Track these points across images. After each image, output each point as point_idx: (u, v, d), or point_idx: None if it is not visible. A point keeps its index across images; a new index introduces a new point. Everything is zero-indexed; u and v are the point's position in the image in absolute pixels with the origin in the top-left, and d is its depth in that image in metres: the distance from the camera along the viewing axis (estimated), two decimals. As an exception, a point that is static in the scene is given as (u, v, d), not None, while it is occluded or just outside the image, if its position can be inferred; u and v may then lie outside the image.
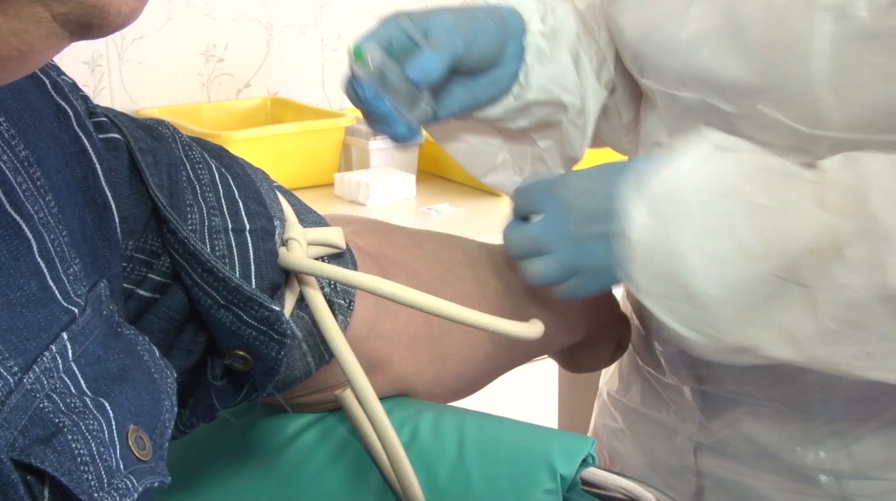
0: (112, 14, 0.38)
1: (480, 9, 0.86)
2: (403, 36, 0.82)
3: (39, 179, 0.50)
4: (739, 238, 0.70)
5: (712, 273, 0.70)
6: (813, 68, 0.74)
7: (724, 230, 0.70)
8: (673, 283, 0.71)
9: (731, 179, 0.72)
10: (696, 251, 0.70)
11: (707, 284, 0.70)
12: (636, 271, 0.73)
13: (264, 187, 0.65)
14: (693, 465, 0.94)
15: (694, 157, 0.73)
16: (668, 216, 0.71)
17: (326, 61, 2.28)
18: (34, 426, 0.43)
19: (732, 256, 0.70)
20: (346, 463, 0.71)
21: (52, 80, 0.55)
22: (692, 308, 0.72)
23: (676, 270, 0.71)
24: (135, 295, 0.58)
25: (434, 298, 0.65)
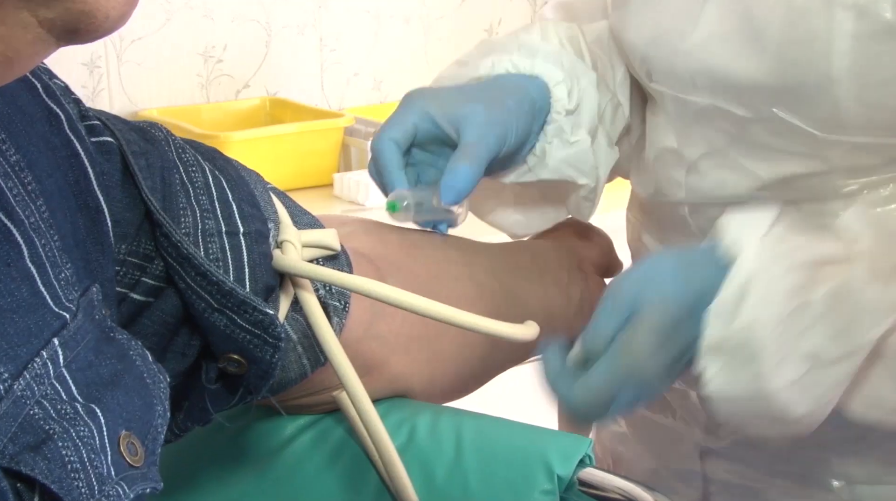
0: (99, 19, 0.37)
1: (510, 94, 0.83)
2: (431, 125, 0.81)
3: (30, 184, 0.50)
4: (814, 351, 0.70)
5: (797, 397, 0.70)
6: (833, 68, 0.73)
7: (791, 349, 0.70)
8: (760, 416, 0.72)
9: (782, 297, 0.71)
10: (777, 384, 0.70)
11: (795, 407, 0.71)
12: (723, 416, 0.73)
13: (258, 190, 0.65)
14: (700, 470, 0.94)
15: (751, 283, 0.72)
16: (744, 361, 0.70)
17: (325, 62, 2.27)
18: (24, 434, 0.43)
19: (811, 370, 0.70)
20: (343, 465, 0.71)
21: (44, 83, 0.55)
22: (782, 426, 0.73)
23: (762, 407, 0.71)
24: (128, 299, 0.58)
25: (429, 300, 0.64)
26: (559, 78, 0.85)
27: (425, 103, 0.82)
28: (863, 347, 0.69)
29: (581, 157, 0.85)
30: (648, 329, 0.71)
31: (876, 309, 0.69)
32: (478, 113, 0.81)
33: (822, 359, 0.70)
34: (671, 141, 0.87)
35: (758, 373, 0.70)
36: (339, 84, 2.30)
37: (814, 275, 0.71)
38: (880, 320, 0.69)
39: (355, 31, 2.29)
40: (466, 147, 0.79)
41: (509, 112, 0.82)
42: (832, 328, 0.70)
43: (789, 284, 0.71)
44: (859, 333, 0.69)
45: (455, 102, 0.82)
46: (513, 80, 0.85)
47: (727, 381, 0.71)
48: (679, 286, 0.72)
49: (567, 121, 0.85)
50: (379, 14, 2.31)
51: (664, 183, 0.88)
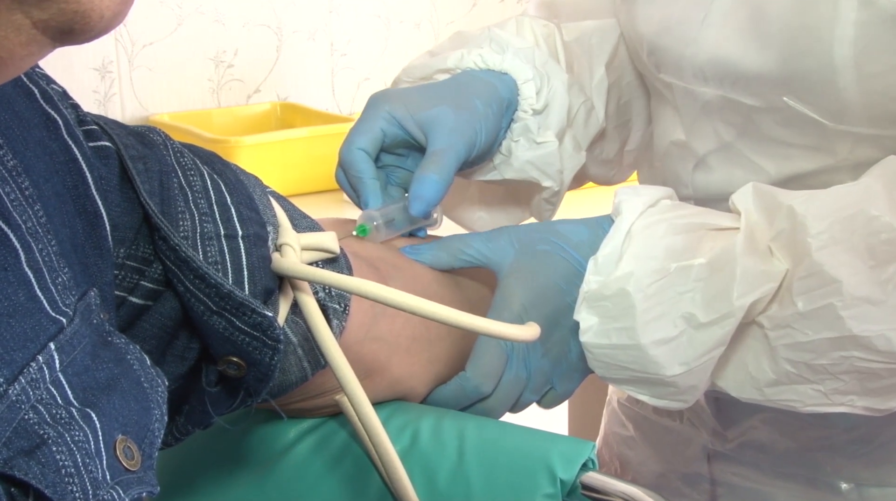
0: (94, 19, 0.37)
1: (479, 94, 0.82)
2: (399, 129, 0.80)
3: (28, 189, 0.50)
4: (684, 313, 0.70)
5: (669, 355, 0.71)
6: (836, 55, 0.73)
7: (667, 311, 0.70)
8: (636, 371, 0.72)
9: (661, 254, 0.71)
10: (648, 340, 0.70)
11: (668, 366, 0.71)
12: (598, 368, 0.73)
13: (257, 193, 0.65)
14: (707, 473, 0.94)
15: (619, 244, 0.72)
16: (616, 314, 0.71)
17: (336, 66, 2.28)
18: (18, 438, 0.43)
19: (682, 333, 0.70)
20: (345, 469, 0.71)
21: (41, 89, 0.55)
22: (661, 387, 0.73)
23: (635, 360, 0.71)
24: (127, 302, 0.58)
25: (430, 302, 0.64)
26: (528, 76, 0.85)
27: (392, 107, 0.81)
28: (733, 313, 0.69)
29: (547, 159, 0.85)
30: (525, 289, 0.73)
31: (747, 280, 0.69)
32: (446, 117, 0.80)
33: (695, 322, 0.70)
34: (679, 134, 0.87)
35: (631, 326, 0.70)
36: (349, 89, 2.30)
37: (697, 241, 0.72)
38: (751, 290, 0.69)
39: (366, 36, 2.30)
40: (434, 156, 0.78)
41: (478, 115, 0.81)
42: (708, 293, 0.70)
43: (670, 244, 0.71)
44: (730, 299, 0.69)
45: (422, 104, 0.81)
46: (481, 77, 0.84)
47: (602, 331, 0.71)
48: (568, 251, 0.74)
49: (534, 121, 0.85)
50: (389, 19, 2.31)
51: (671, 180, 0.88)
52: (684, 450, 0.96)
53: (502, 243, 0.75)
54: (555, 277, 0.74)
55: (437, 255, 0.76)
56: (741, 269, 0.70)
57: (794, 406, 0.72)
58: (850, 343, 0.69)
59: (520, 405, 0.77)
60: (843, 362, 0.69)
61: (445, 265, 0.77)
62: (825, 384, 0.71)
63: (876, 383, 0.70)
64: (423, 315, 0.65)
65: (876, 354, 0.68)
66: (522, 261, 0.74)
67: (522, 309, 0.73)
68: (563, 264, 0.74)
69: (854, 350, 0.69)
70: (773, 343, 0.71)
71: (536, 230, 0.76)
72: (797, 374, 0.71)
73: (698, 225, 0.73)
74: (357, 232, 0.77)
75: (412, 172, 0.82)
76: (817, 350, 0.70)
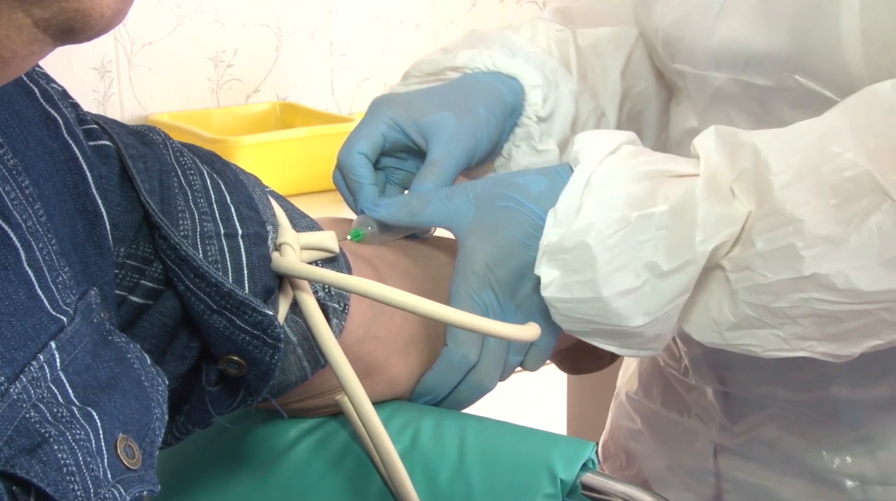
0: (94, 18, 0.37)
1: (482, 98, 0.82)
2: (399, 134, 0.80)
3: (28, 188, 0.50)
4: (646, 262, 0.69)
5: (633, 306, 0.70)
6: (843, 29, 0.73)
7: (629, 261, 0.70)
8: (600, 324, 0.71)
9: (621, 203, 0.70)
10: (610, 292, 0.70)
11: (632, 316, 0.70)
12: (562, 322, 0.72)
13: (256, 192, 0.65)
14: (713, 468, 0.94)
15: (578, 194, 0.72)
16: (577, 267, 0.70)
17: (335, 66, 2.28)
18: (20, 437, 0.43)
19: (645, 282, 0.70)
20: (346, 469, 0.71)
21: (42, 88, 0.55)
22: (627, 338, 0.72)
23: (598, 313, 0.71)
24: (127, 302, 0.58)
25: (428, 301, 0.64)
26: (537, 82, 0.85)
27: (393, 112, 0.81)
28: (696, 259, 0.69)
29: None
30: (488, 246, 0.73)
31: (708, 224, 0.68)
32: (447, 123, 0.80)
33: (658, 271, 0.69)
34: (692, 122, 0.88)
35: (592, 279, 0.69)
36: (349, 89, 2.30)
37: (658, 187, 0.71)
38: (713, 234, 0.68)
39: (365, 36, 2.30)
40: (433, 164, 0.78)
41: (480, 121, 0.81)
42: (670, 240, 0.69)
43: (631, 193, 0.70)
44: (692, 246, 0.68)
45: (424, 109, 0.81)
46: (487, 80, 0.84)
47: (564, 285, 0.70)
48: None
49: (537, 128, 0.85)
50: (389, 19, 2.31)
51: None
52: (691, 444, 0.96)
53: (461, 201, 0.74)
54: (516, 232, 0.73)
55: (395, 214, 0.76)
56: (702, 214, 0.69)
57: (753, 351, 0.71)
58: (810, 284, 0.67)
59: (507, 369, 0.76)
60: (802, 304, 0.68)
61: (404, 223, 0.76)
62: (784, 328, 0.69)
63: (836, 327, 0.69)
64: (423, 314, 0.65)
65: (835, 293, 0.67)
66: (482, 219, 0.73)
67: (486, 268, 0.73)
68: (523, 218, 0.73)
69: (813, 291, 0.67)
70: (734, 286, 0.70)
71: (495, 185, 0.75)
72: (757, 318, 0.69)
73: (659, 172, 0.72)
74: (352, 237, 0.77)
75: (412, 173, 0.82)
76: (777, 292, 0.68)
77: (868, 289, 0.66)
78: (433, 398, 0.75)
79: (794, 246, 0.67)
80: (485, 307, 0.73)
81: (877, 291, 0.66)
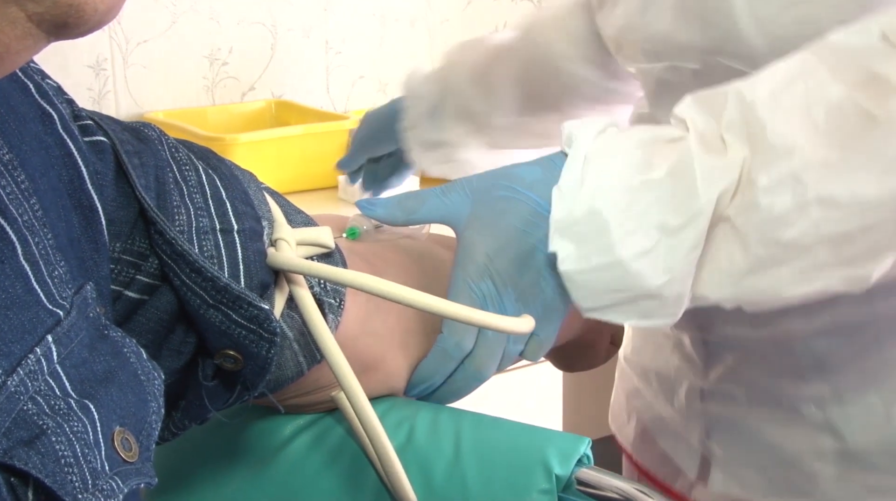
0: (88, 13, 0.38)
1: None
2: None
3: (24, 183, 0.50)
4: (656, 223, 0.71)
5: (651, 266, 0.71)
6: (736, 10, 0.81)
7: (639, 225, 0.71)
8: (621, 291, 0.72)
9: (622, 170, 0.72)
10: (627, 254, 0.70)
11: (651, 275, 0.71)
12: (582, 298, 0.72)
13: (252, 188, 0.65)
14: (700, 410, 1.02)
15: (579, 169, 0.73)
16: (590, 235, 0.71)
17: (331, 64, 2.28)
18: (18, 429, 0.43)
19: (657, 242, 0.71)
20: (342, 465, 0.71)
21: (36, 84, 0.55)
22: (647, 302, 0.72)
23: (618, 279, 0.71)
24: (123, 297, 0.58)
25: (424, 294, 0.65)
26: None
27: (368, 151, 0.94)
28: (702, 210, 0.70)
29: None
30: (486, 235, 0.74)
31: (707, 175, 0.70)
32: None
33: (669, 228, 0.70)
34: (645, 108, 0.98)
35: (608, 243, 0.70)
36: (344, 87, 2.30)
37: (653, 154, 0.73)
38: (713, 183, 0.70)
39: (361, 33, 2.30)
40: None
41: None
42: (674, 199, 0.71)
43: (629, 161, 0.72)
44: (696, 198, 0.70)
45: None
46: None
47: (580, 255, 0.71)
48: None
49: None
50: (384, 17, 2.32)
51: None
52: (679, 394, 1.04)
53: (457, 196, 0.75)
54: (514, 221, 0.73)
55: (391, 212, 0.76)
56: (699, 167, 0.71)
57: (774, 293, 0.72)
58: (816, 206, 0.69)
59: (506, 358, 0.76)
60: (812, 230, 0.69)
61: (400, 222, 0.77)
62: (800, 260, 0.70)
63: (849, 248, 0.70)
64: (420, 308, 0.65)
65: (842, 209, 0.69)
66: (479, 211, 0.74)
67: (487, 259, 0.73)
68: (521, 206, 0.74)
69: (820, 213, 0.69)
70: (743, 230, 0.71)
71: (490, 177, 0.76)
72: (770, 256, 0.70)
73: (651, 140, 0.74)
74: (347, 235, 0.77)
75: None
76: (786, 223, 0.70)
77: (872, 197, 0.68)
78: (429, 387, 0.75)
79: (796, 173, 0.69)
80: (482, 297, 0.73)
81: (880, 195, 0.68)
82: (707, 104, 0.74)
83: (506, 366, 0.77)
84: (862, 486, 0.93)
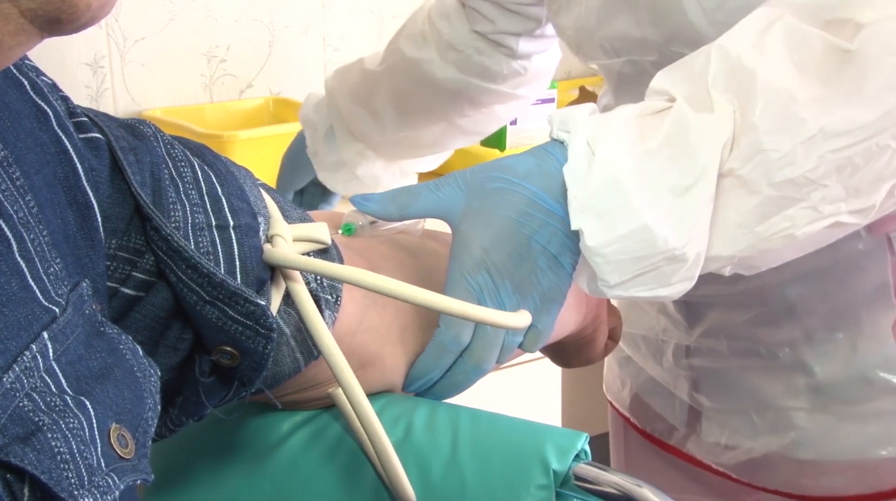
0: (81, 9, 0.38)
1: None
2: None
3: (19, 179, 0.50)
4: (667, 187, 0.71)
5: (672, 228, 0.71)
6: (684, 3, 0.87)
7: (653, 189, 0.71)
8: (647, 258, 0.71)
9: (625, 142, 0.73)
10: (654, 216, 0.70)
11: (674, 237, 0.71)
12: (610, 272, 0.72)
13: (247, 184, 0.65)
14: (687, 366, 1.11)
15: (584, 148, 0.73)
16: (611, 204, 0.71)
17: (329, 61, 2.28)
18: (13, 425, 0.43)
19: (672, 205, 0.71)
20: (340, 461, 0.71)
21: (31, 80, 0.55)
22: (671, 267, 0.72)
23: (645, 243, 0.71)
24: (119, 293, 0.58)
25: (420, 289, 0.65)
26: None
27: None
28: (709, 166, 0.71)
29: None
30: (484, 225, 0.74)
31: (704, 133, 0.72)
32: None
33: (680, 189, 0.71)
34: (609, 100, 1.06)
35: (633, 210, 0.70)
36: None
37: (643, 126, 0.74)
38: (712, 139, 0.72)
39: (358, 30, 2.30)
40: None
41: None
42: (678, 162, 0.72)
43: (628, 135, 0.73)
44: (699, 155, 0.71)
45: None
46: None
47: (606, 227, 0.70)
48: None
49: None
50: (382, 14, 2.32)
51: None
52: (665, 355, 1.13)
53: (451, 190, 0.75)
54: (509, 212, 0.73)
55: (386, 208, 0.76)
56: (695, 126, 0.72)
57: (789, 233, 0.72)
58: (820, 138, 0.70)
59: (505, 350, 0.76)
60: (820, 163, 0.71)
61: (395, 217, 0.77)
62: (812, 196, 0.72)
63: (855, 176, 0.72)
64: (416, 303, 0.65)
65: (845, 136, 0.71)
66: (474, 203, 0.74)
67: (482, 251, 0.73)
68: (516, 197, 0.73)
69: (824, 144, 0.71)
70: (750, 177, 0.72)
71: (483, 170, 0.76)
72: (782, 196, 0.71)
73: (638, 113, 0.75)
74: (343, 231, 0.77)
75: None
76: (793, 161, 0.71)
77: (870, 118, 0.70)
78: (427, 382, 0.75)
79: (794, 112, 0.71)
80: (479, 290, 0.73)
81: (878, 116, 0.71)
82: (684, 70, 0.76)
83: (505, 358, 0.77)
84: (833, 416, 1.02)
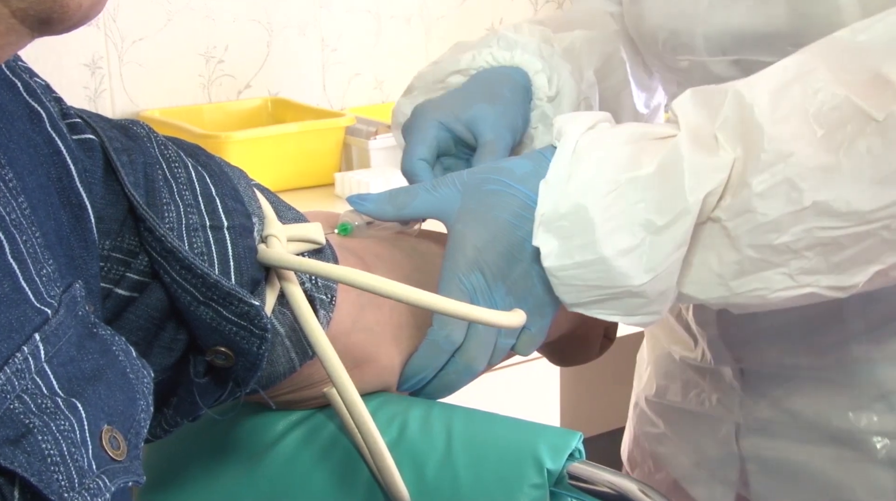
0: (72, 9, 0.38)
1: (503, 84, 0.88)
2: (448, 133, 0.86)
3: (11, 181, 0.50)
4: (641, 221, 0.70)
5: (634, 264, 0.70)
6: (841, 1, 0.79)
7: (624, 223, 0.70)
8: (604, 288, 0.72)
9: (610, 167, 0.72)
10: (611, 252, 0.70)
11: (634, 274, 0.71)
12: (565, 293, 0.73)
13: (241, 185, 0.65)
14: (737, 451, 0.97)
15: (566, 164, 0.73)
16: (575, 230, 0.71)
17: (327, 62, 2.28)
18: (4, 427, 0.43)
19: (642, 240, 0.70)
20: (334, 461, 0.71)
21: (24, 82, 0.55)
22: (630, 300, 0.72)
23: (601, 276, 0.71)
24: (113, 294, 0.58)
25: (415, 289, 0.65)
26: (538, 67, 0.90)
27: (438, 115, 0.86)
28: (688, 209, 0.70)
29: None
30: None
31: (696, 174, 0.70)
32: (486, 111, 0.85)
33: (654, 227, 0.70)
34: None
35: (592, 240, 0.70)
36: (340, 84, 2.30)
37: (641, 150, 0.72)
38: (701, 183, 0.70)
39: (356, 31, 2.30)
40: (485, 146, 0.84)
41: (510, 102, 0.87)
42: (661, 197, 0.70)
43: (617, 158, 0.72)
44: (683, 197, 0.70)
45: (462, 105, 0.86)
46: (498, 72, 0.89)
47: (564, 251, 0.71)
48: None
49: (549, 107, 0.89)
50: (380, 14, 2.32)
51: None
52: (714, 433, 0.99)
53: (448, 191, 0.76)
54: (504, 213, 0.73)
55: (382, 207, 0.76)
56: (688, 165, 0.70)
57: (761, 295, 0.72)
58: (811, 213, 0.69)
59: (497, 352, 0.76)
60: (805, 236, 0.69)
61: (391, 217, 0.77)
62: (790, 264, 0.70)
63: (839, 254, 0.70)
64: (411, 303, 0.65)
65: (836, 218, 0.69)
66: (470, 204, 0.74)
67: (476, 251, 0.73)
68: (511, 199, 0.74)
69: (815, 220, 0.69)
70: (734, 233, 0.71)
71: (480, 171, 0.76)
72: (761, 259, 0.70)
73: (640, 136, 0.74)
74: (339, 231, 0.77)
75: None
76: (779, 228, 0.69)
77: (867, 208, 0.68)
78: (420, 381, 0.75)
79: (791, 180, 0.69)
80: (472, 289, 0.73)
81: (875, 208, 0.68)
82: (705, 100, 0.73)
83: (497, 360, 0.77)
84: None
